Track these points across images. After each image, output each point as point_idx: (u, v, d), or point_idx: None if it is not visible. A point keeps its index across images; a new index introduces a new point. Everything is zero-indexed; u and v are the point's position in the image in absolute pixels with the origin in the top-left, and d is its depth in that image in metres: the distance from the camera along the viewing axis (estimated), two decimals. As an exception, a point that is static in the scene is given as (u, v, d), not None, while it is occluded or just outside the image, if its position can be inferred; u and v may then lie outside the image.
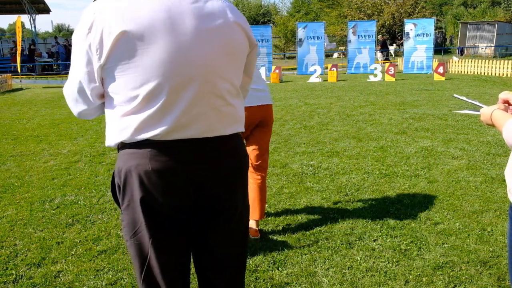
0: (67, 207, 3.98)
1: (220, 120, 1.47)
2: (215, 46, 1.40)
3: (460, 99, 1.92)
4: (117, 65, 1.33)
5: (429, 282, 2.62)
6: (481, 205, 3.72)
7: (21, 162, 5.53)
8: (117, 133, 1.42)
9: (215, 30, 1.40)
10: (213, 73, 1.41)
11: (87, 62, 1.36)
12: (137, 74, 1.33)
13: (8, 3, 24.34)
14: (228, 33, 1.42)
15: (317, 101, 10.14)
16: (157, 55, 1.32)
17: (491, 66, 15.90)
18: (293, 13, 42.88)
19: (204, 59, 1.38)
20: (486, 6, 40.40)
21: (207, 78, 1.40)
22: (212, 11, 1.41)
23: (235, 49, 1.46)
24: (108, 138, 1.48)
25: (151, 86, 1.34)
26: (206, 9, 1.40)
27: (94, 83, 1.40)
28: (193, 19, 1.36)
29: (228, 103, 1.49)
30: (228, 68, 1.45)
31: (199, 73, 1.38)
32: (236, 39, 1.45)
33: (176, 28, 1.34)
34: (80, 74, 1.40)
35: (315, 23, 19.35)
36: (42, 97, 12.72)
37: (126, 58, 1.32)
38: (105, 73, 1.37)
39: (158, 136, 1.37)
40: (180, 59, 1.34)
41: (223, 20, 1.42)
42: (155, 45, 1.31)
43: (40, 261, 2.99)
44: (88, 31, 1.32)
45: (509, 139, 1.46)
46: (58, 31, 59.81)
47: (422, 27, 16.85)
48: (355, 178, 4.54)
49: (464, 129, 6.60)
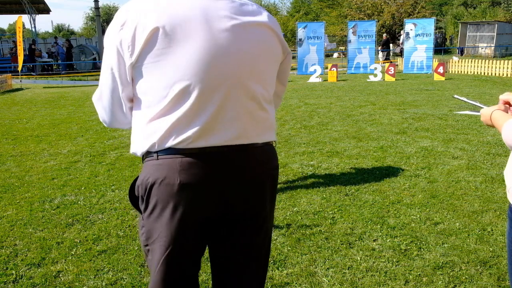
0: (67, 207, 3.98)
1: (254, 125, 1.39)
2: (250, 48, 1.35)
3: (461, 99, 1.92)
4: (148, 62, 1.28)
5: (429, 282, 2.62)
6: (481, 205, 3.72)
7: (21, 162, 5.53)
8: (143, 139, 1.35)
9: (251, 32, 1.35)
10: (247, 75, 1.35)
11: (119, 61, 1.31)
12: (167, 73, 1.28)
13: (8, 3, 24.32)
14: (263, 36, 1.38)
15: (317, 101, 10.14)
16: (190, 53, 1.27)
17: (491, 66, 15.89)
18: (293, 13, 42.87)
19: (239, 60, 1.33)
20: (486, 6, 40.40)
21: (240, 79, 1.34)
22: (249, 13, 1.37)
23: (269, 53, 1.42)
24: (133, 145, 1.41)
25: (181, 86, 1.28)
26: (243, 10, 1.36)
27: (127, 84, 1.35)
28: (229, 19, 1.32)
29: (262, 107, 1.42)
30: (262, 71, 1.40)
31: (233, 74, 1.32)
32: (271, 44, 1.41)
33: (212, 27, 1.29)
34: (112, 76, 1.35)
35: (315, 23, 19.34)
36: (42, 97, 12.72)
37: (158, 55, 1.27)
38: (136, 72, 1.32)
39: (188, 141, 1.30)
40: (214, 59, 1.29)
41: (259, 23, 1.37)
42: (189, 43, 1.27)
43: (40, 261, 2.99)
44: (121, 28, 1.29)
45: (508, 140, 1.46)
46: (58, 31, 59.77)
47: (422, 27, 16.84)
48: (355, 178, 4.54)
49: (464, 129, 6.60)
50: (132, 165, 5.23)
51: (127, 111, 1.43)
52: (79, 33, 57.78)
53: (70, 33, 56.25)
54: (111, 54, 1.32)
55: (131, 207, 3.92)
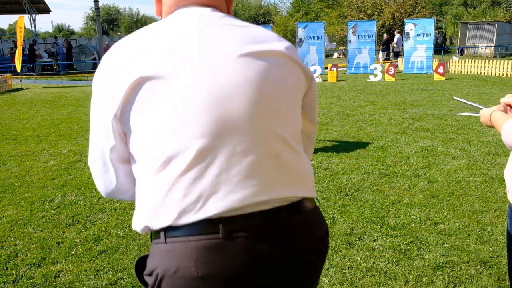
0: (67, 207, 3.98)
1: (283, 172, 1.07)
2: (262, 80, 1.05)
3: (460, 101, 1.92)
4: (136, 117, 1.02)
5: (429, 282, 2.62)
6: (481, 205, 3.72)
7: (21, 162, 5.54)
8: (143, 213, 1.07)
9: (262, 63, 1.06)
10: (264, 114, 1.05)
11: (102, 112, 1.06)
12: (161, 129, 1.00)
13: (8, 3, 24.33)
14: (278, 65, 1.09)
15: (317, 101, 10.13)
16: (186, 100, 1.00)
17: (491, 66, 15.89)
18: (293, 13, 42.87)
19: (251, 97, 1.03)
20: (486, 6, 40.39)
21: (256, 121, 1.04)
22: (259, 41, 1.08)
23: (289, 83, 1.11)
24: (134, 220, 1.12)
25: (181, 143, 1.00)
26: (250, 36, 1.08)
27: (113, 141, 1.07)
28: (234, 49, 1.04)
29: (292, 148, 1.10)
30: (282, 107, 1.09)
31: (245, 116, 1.03)
32: (289, 71, 1.11)
33: (212, 61, 1.02)
34: (96, 131, 1.10)
35: (315, 23, 19.34)
36: (42, 97, 12.72)
37: (145, 109, 1.01)
38: (125, 126, 1.05)
39: (199, 211, 1.00)
40: (216, 103, 1.01)
41: (272, 52, 1.08)
42: (183, 89, 1.00)
43: (40, 261, 2.99)
44: (101, 76, 1.06)
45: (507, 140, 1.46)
46: (58, 31, 59.76)
47: (422, 27, 16.84)
48: (355, 178, 4.54)
49: (464, 129, 6.60)
50: (132, 165, 5.23)
51: (125, 176, 1.15)
52: (79, 33, 57.79)
53: (70, 33, 56.24)
54: (95, 107, 1.09)
55: (131, 207, 3.92)
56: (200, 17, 1.09)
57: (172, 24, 1.08)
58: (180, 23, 1.08)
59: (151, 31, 1.08)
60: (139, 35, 1.08)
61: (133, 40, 1.07)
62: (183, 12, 1.10)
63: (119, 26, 53.85)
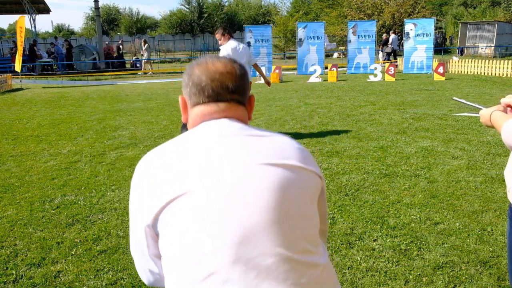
0: (67, 207, 3.98)
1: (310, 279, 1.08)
2: (283, 193, 1.09)
3: (460, 101, 1.92)
4: (165, 226, 1.08)
5: (429, 282, 2.62)
6: (481, 205, 3.72)
7: (21, 162, 5.54)
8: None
9: (281, 174, 1.10)
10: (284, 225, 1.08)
11: (137, 218, 1.14)
12: (188, 240, 1.05)
13: (8, 3, 24.33)
14: (297, 176, 1.13)
15: (317, 101, 10.14)
16: (211, 214, 1.05)
17: (491, 66, 15.89)
18: (293, 13, 42.86)
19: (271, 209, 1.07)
20: (486, 6, 40.39)
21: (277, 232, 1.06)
22: (277, 150, 1.14)
23: (306, 193, 1.14)
24: None
25: (208, 253, 1.03)
26: (270, 147, 1.14)
27: (149, 241, 1.14)
28: (254, 160, 1.10)
29: (314, 252, 1.12)
30: (303, 218, 1.13)
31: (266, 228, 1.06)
32: (307, 181, 1.15)
33: (235, 176, 1.07)
34: (134, 230, 1.17)
35: (315, 23, 19.33)
36: (42, 97, 12.71)
37: (173, 220, 1.06)
38: (156, 231, 1.12)
39: None
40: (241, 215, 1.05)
41: (290, 164, 1.12)
42: (208, 203, 1.05)
43: (40, 261, 2.99)
44: (134, 191, 1.14)
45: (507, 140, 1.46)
46: (58, 31, 59.70)
47: (422, 27, 16.84)
48: (355, 178, 4.54)
49: (464, 129, 6.60)
50: (132, 165, 5.23)
51: (158, 263, 1.20)
52: (79, 33, 57.77)
53: (70, 33, 56.20)
54: (131, 209, 1.17)
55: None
56: (223, 130, 1.15)
57: (196, 138, 1.15)
58: (204, 136, 1.15)
59: (177, 146, 1.15)
60: (167, 152, 1.15)
61: (161, 158, 1.14)
62: (207, 126, 1.17)
63: (119, 26, 53.81)
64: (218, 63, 1.20)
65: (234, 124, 1.17)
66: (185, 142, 1.15)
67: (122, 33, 47.63)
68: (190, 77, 1.21)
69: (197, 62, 1.22)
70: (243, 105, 1.23)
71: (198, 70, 1.20)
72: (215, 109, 1.18)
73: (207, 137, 1.14)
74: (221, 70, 1.19)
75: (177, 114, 8.77)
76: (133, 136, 6.84)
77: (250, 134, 1.16)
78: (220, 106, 1.18)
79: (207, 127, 1.17)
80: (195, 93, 1.19)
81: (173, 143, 1.17)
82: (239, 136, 1.14)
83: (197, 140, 1.14)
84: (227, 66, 1.20)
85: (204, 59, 1.22)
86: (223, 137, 1.13)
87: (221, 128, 1.15)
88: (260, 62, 17.41)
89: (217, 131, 1.15)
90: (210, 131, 1.15)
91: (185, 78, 1.23)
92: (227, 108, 1.19)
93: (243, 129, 1.17)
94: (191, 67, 1.23)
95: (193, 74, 1.20)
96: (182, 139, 1.17)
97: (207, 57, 1.23)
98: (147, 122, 8.04)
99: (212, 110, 1.18)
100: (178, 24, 44.80)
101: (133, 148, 6.07)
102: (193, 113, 1.21)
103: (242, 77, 1.22)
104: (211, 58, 1.22)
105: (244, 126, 1.18)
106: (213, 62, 1.20)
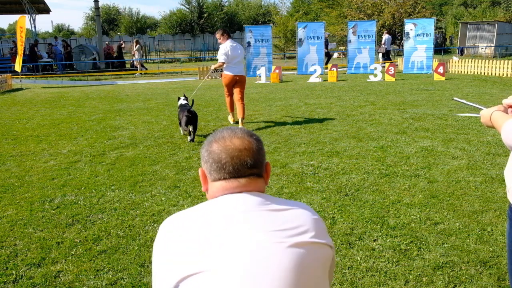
0: (67, 207, 3.98)
1: None
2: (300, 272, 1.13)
3: (460, 102, 1.92)
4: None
5: (429, 282, 2.62)
6: (481, 205, 3.72)
7: (21, 162, 5.54)
8: None
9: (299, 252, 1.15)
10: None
11: (158, 281, 1.17)
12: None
13: (8, 3, 24.33)
14: (314, 253, 1.18)
15: (317, 101, 10.14)
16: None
17: (491, 66, 15.89)
18: (293, 13, 42.87)
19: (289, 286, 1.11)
20: (486, 6, 40.39)
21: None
22: (295, 226, 1.18)
23: (321, 267, 1.20)
24: None
25: None
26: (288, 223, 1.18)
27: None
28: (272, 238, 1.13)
29: None
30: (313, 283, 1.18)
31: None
32: (322, 256, 1.21)
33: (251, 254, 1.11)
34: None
35: (315, 23, 19.32)
36: (42, 97, 12.71)
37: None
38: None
39: None
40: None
41: (309, 241, 1.17)
42: (225, 281, 1.08)
43: (40, 261, 2.99)
44: (157, 254, 1.18)
45: (507, 140, 1.46)
46: (58, 31, 59.69)
47: (422, 27, 16.84)
48: (355, 178, 4.54)
49: (464, 129, 6.60)
50: (132, 165, 5.23)
51: None
52: (79, 33, 57.76)
53: (70, 33, 56.20)
54: (153, 271, 1.21)
55: (131, 207, 3.93)
56: (242, 205, 1.19)
57: (216, 213, 1.18)
58: (224, 211, 1.18)
59: (199, 218, 1.18)
60: (188, 223, 1.17)
61: (182, 228, 1.17)
62: (227, 200, 1.21)
63: (119, 26, 53.80)
64: (236, 139, 1.24)
65: (253, 198, 1.22)
66: (206, 215, 1.19)
67: (122, 33, 47.62)
68: (209, 154, 1.25)
69: (215, 138, 1.26)
70: (261, 177, 1.28)
71: (217, 148, 1.24)
72: (236, 184, 1.23)
73: (227, 213, 1.18)
74: (239, 147, 1.23)
75: (177, 114, 8.78)
76: (133, 136, 6.84)
77: (268, 209, 1.20)
78: (240, 182, 1.23)
79: (228, 201, 1.21)
80: (216, 170, 1.24)
81: (195, 213, 1.21)
82: (257, 212, 1.19)
83: (217, 215, 1.18)
84: (244, 142, 1.24)
85: (221, 134, 1.26)
86: (242, 213, 1.18)
87: (240, 203, 1.20)
88: (260, 62, 17.42)
89: (236, 206, 1.19)
90: (230, 206, 1.19)
91: (204, 154, 1.27)
92: (247, 183, 1.23)
93: (261, 204, 1.21)
94: (210, 143, 1.26)
95: (213, 151, 1.24)
96: (204, 211, 1.20)
97: (224, 131, 1.27)
98: (147, 122, 8.04)
99: (233, 186, 1.23)
100: (178, 24, 44.79)
101: (133, 148, 6.07)
102: (214, 187, 1.25)
103: (259, 151, 1.26)
104: (228, 133, 1.26)
105: (262, 200, 1.22)
106: (230, 139, 1.24)
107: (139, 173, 4.92)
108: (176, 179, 4.67)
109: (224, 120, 8.00)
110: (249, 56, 17.62)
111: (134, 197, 4.15)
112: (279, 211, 1.21)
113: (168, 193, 4.24)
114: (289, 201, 1.27)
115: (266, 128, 7.16)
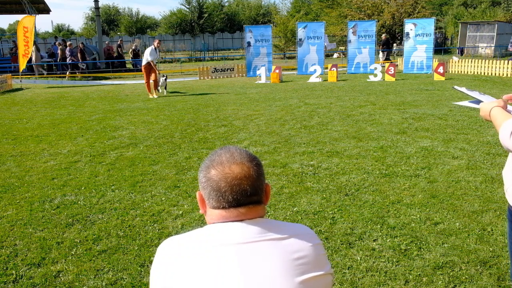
0: (67, 207, 3.98)
1: None
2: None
3: (460, 91, 1.91)
4: None
5: (429, 282, 2.62)
6: (481, 205, 3.72)
7: (21, 162, 5.54)
8: None
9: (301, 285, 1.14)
10: None
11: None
12: None
13: (8, 3, 24.32)
14: (317, 283, 1.18)
15: (317, 101, 10.14)
16: None
17: (491, 66, 15.89)
18: (293, 13, 42.87)
19: None
20: (486, 6, 40.39)
21: None
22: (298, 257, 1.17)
23: None
24: None
25: None
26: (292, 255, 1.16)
27: None
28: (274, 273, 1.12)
29: None
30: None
31: None
32: (324, 286, 1.21)
33: None
34: None
35: (315, 23, 19.32)
36: (42, 97, 12.71)
37: None
38: None
39: None
40: None
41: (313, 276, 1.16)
42: None
43: (40, 261, 2.99)
44: (153, 278, 1.17)
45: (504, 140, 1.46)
46: (58, 31, 59.68)
47: (422, 27, 16.84)
48: (355, 178, 4.54)
49: (464, 129, 6.60)
50: (132, 165, 5.23)
51: None
52: (79, 33, 57.74)
53: (70, 33, 56.18)
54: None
55: (131, 207, 3.93)
56: (241, 235, 1.16)
57: (213, 243, 1.15)
58: (221, 243, 1.15)
59: (195, 246, 1.15)
60: (184, 250, 1.15)
61: (178, 256, 1.15)
62: (226, 230, 1.18)
63: (119, 26, 53.79)
64: (235, 166, 1.19)
65: (252, 228, 1.18)
66: (204, 244, 1.16)
67: (122, 33, 47.62)
68: (207, 181, 1.20)
69: (213, 163, 1.20)
70: (261, 203, 1.24)
71: (216, 175, 1.18)
72: (235, 214, 1.19)
73: (224, 245, 1.15)
74: (239, 176, 1.18)
75: (177, 114, 8.78)
76: (133, 136, 6.84)
77: (267, 238, 1.17)
78: (240, 211, 1.19)
79: (227, 230, 1.18)
80: (214, 198, 1.20)
81: (192, 239, 1.18)
82: (256, 243, 1.16)
83: (214, 246, 1.15)
84: (244, 168, 1.19)
85: (219, 159, 1.20)
86: (239, 245, 1.15)
87: (239, 234, 1.17)
88: (260, 62, 17.42)
89: (235, 237, 1.16)
90: (229, 238, 1.16)
91: (202, 180, 1.21)
92: (247, 211, 1.20)
93: (260, 233, 1.18)
94: (207, 168, 1.21)
95: (211, 179, 1.19)
96: (202, 238, 1.17)
97: (222, 155, 1.21)
98: (147, 122, 8.04)
99: (233, 215, 1.19)
100: (178, 24, 44.81)
101: (133, 148, 6.07)
102: (213, 214, 1.22)
103: (258, 178, 1.22)
104: (227, 157, 1.21)
105: (261, 230, 1.18)
106: (229, 165, 1.18)
107: (139, 173, 4.92)
108: (176, 179, 4.67)
109: (224, 120, 8.00)
110: (249, 56, 17.63)
111: (134, 197, 4.15)
112: (278, 241, 1.18)
113: (168, 193, 4.24)
114: (289, 226, 1.24)
115: (266, 128, 7.16)
